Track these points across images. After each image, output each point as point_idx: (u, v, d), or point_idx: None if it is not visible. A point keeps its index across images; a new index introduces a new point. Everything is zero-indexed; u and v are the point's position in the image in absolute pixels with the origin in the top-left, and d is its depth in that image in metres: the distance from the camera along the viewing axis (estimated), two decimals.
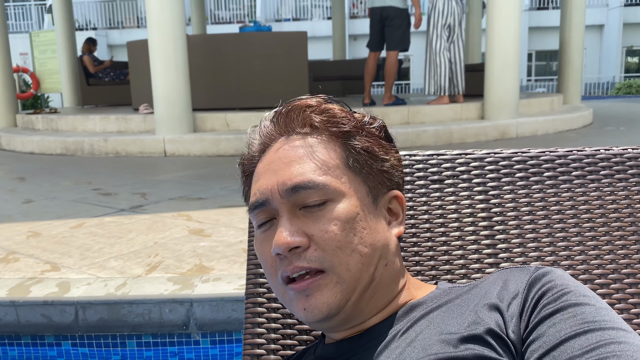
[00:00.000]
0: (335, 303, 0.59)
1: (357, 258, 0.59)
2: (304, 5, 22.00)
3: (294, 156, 0.61)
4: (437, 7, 6.34)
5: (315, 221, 0.59)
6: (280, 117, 0.65)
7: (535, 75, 21.56)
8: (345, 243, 0.59)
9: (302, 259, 0.58)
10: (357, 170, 0.63)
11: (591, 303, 0.53)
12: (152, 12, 5.50)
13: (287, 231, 0.58)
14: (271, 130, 0.66)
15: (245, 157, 0.71)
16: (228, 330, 1.79)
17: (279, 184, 0.60)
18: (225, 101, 6.49)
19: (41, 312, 1.83)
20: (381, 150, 0.65)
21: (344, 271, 0.59)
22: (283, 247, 0.58)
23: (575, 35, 8.52)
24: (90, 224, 2.91)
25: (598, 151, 0.88)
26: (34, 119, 7.35)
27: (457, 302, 0.60)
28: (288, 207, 0.60)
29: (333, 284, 0.59)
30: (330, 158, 0.62)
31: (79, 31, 12.83)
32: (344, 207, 0.60)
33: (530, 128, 6.31)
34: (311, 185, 0.59)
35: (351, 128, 0.64)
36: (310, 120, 0.64)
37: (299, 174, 0.60)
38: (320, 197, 0.59)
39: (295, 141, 0.63)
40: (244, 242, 2.45)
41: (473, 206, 0.86)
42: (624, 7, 19.82)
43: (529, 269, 0.60)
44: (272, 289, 0.65)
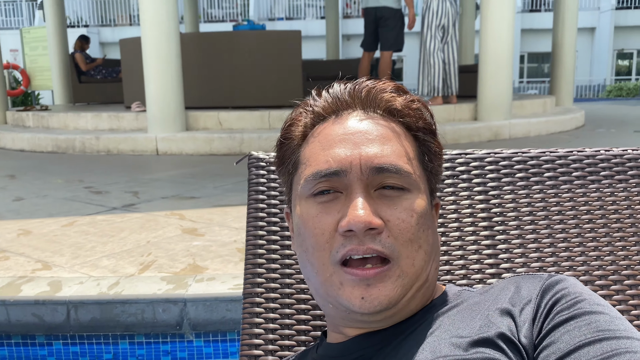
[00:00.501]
0: (395, 297, 0.56)
1: (422, 255, 0.58)
2: (297, 4, 21.98)
3: (380, 135, 0.58)
4: (431, 8, 6.36)
5: (391, 207, 0.56)
6: (361, 91, 0.61)
7: (527, 77, 21.69)
8: (416, 237, 0.57)
9: (377, 242, 0.55)
10: (427, 168, 0.61)
11: (605, 312, 0.53)
12: (145, 10, 5.47)
13: (367, 209, 0.54)
14: (346, 99, 0.61)
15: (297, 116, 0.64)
16: (222, 331, 1.78)
17: (362, 159, 0.56)
18: (219, 100, 6.47)
19: (32, 312, 1.80)
20: (443, 156, 0.65)
21: (409, 266, 0.57)
22: (361, 226, 0.54)
23: (567, 37, 8.57)
24: (82, 223, 2.88)
25: (598, 152, 0.88)
26: (25, 116, 7.28)
27: (468, 305, 0.59)
28: (364, 185, 0.56)
29: (395, 277, 0.56)
30: (411, 149, 0.60)
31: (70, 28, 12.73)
32: (420, 201, 0.58)
33: (523, 129, 6.34)
34: (396, 170, 0.56)
35: (430, 126, 0.62)
36: (393, 104, 0.61)
37: (387, 154, 0.57)
38: (403, 184, 0.57)
39: (379, 120, 0.60)
40: (238, 242, 2.44)
41: (473, 206, 0.86)
42: (615, 10, 19.98)
43: (542, 276, 0.59)
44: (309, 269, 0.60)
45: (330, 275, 0.57)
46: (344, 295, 0.56)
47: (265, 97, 6.36)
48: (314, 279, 0.60)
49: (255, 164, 0.92)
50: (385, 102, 0.61)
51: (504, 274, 0.81)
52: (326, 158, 0.58)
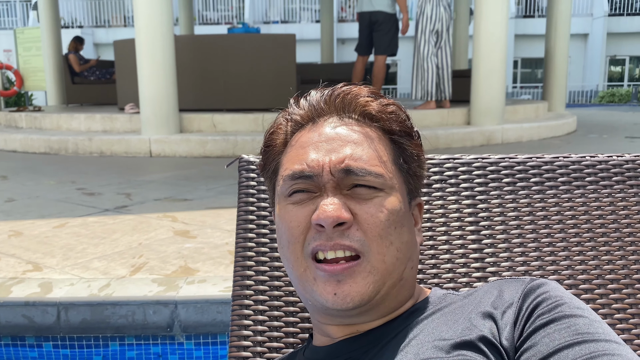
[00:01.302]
0: (367, 293, 0.57)
1: (394, 252, 0.59)
2: (292, 8, 22.01)
3: (352, 139, 0.60)
4: (425, 13, 6.41)
5: (362, 203, 0.58)
6: (337, 97, 0.63)
7: (520, 82, 21.80)
8: (386, 233, 0.58)
9: (345, 237, 0.57)
10: (404, 169, 0.63)
11: (585, 315, 0.54)
12: (139, 11, 5.47)
13: (335, 205, 0.56)
14: (322, 107, 0.63)
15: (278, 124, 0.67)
16: (213, 333, 1.78)
17: (332, 162, 0.58)
18: (213, 102, 6.47)
19: (22, 313, 1.80)
20: (423, 158, 0.66)
21: (379, 261, 0.58)
22: (331, 220, 0.55)
23: (560, 43, 8.63)
24: (73, 224, 2.87)
25: (584, 158, 0.90)
26: (17, 116, 7.25)
27: (452, 309, 0.60)
28: (334, 185, 0.58)
29: (366, 272, 0.57)
30: (385, 151, 0.61)
31: (64, 29, 12.69)
32: (391, 199, 0.59)
33: (516, 134, 6.37)
34: (366, 173, 0.58)
35: (407, 129, 0.64)
36: (368, 109, 0.62)
37: (357, 157, 0.59)
38: (374, 185, 0.59)
39: (353, 125, 0.62)
40: (230, 244, 2.44)
41: (460, 210, 0.87)
42: (607, 17, 20.14)
43: (524, 280, 0.60)
44: (286, 263, 0.62)
45: (304, 270, 0.59)
46: (318, 291, 0.58)
47: (259, 100, 6.36)
48: (292, 275, 0.62)
49: (245, 167, 0.93)
50: (360, 108, 0.62)
51: (490, 277, 0.82)
52: (300, 162, 0.60)
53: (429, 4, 6.38)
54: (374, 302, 0.59)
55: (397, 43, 6.61)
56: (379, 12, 6.31)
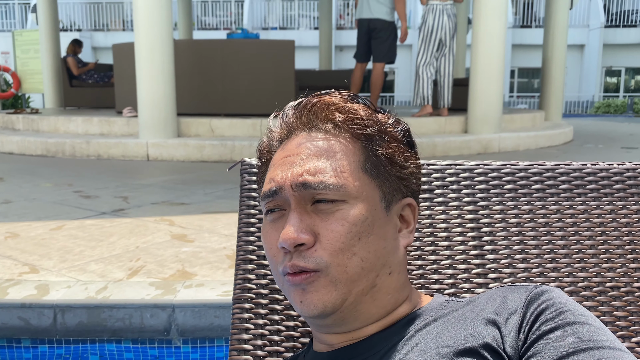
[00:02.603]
0: (330, 301, 0.59)
1: (357, 262, 0.59)
2: (291, 14, 22.10)
3: (313, 152, 0.61)
4: (427, 22, 6.46)
5: (324, 219, 0.59)
6: (304, 111, 0.64)
7: (517, 92, 21.90)
8: (347, 245, 0.58)
9: (301, 258, 0.58)
10: (373, 175, 0.62)
11: (589, 322, 0.54)
12: (139, 16, 5.47)
13: (295, 227, 0.58)
14: (293, 122, 0.65)
15: (263, 144, 0.69)
16: (210, 337, 1.77)
17: (293, 177, 0.60)
18: (211, 107, 6.47)
19: (18, 315, 1.79)
20: (401, 157, 0.64)
21: (340, 273, 0.59)
22: (289, 242, 0.58)
23: (557, 54, 8.69)
24: (70, 227, 2.86)
25: (585, 165, 0.90)
26: (15, 118, 7.23)
27: (454, 316, 0.60)
28: (299, 201, 0.60)
29: (327, 282, 0.59)
30: (348, 160, 0.61)
31: (63, 32, 12.69)
32: (353, 210, 0.59)
33: (513, 143, 6.40)
34: (324, 186, 0.59)
35: (374, 131, 0.63)
36: (333, 118, 0.63)
37: (315, 171, 0.59)
38: (334, 197, 0.59)
39: (317, 138, 0.62)
40: (227, 249, 2.43)
41: (462, 216, 0.87)
42: (604, 28, 20.29)
43: (527, 287, 0.60)
44: (274, 277, 0.66)
45: (282, 284, 0.62)
46: (292, 299, 0.61)
47: (257, 105, 6.37)
48: (278, 286, 0.65)
49: (247, 170, 0.93)
50: (325, 119, 0.63)
51: (492, 284, 0.82)
52: (268, 179, 0.63)
53: (431, 13, 6.43)
54: (344, 309, 0.60)
55: (395, 51, 6.63)
56: (378, 19, 6.34)
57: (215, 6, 22.23)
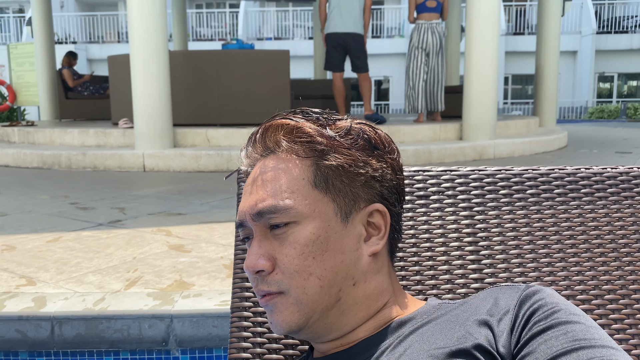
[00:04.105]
0: (294, 322, 0.61)
1: (315, 282, 0.60)
2: (285, 25, 22.20)
3: (264, 179, 0.63)
4: (412, 40, 6.99)
5: (280, 244, 0.61)
6: (258, 139, 0.66)
7: (511, 98, 22.02)
8: (302, 267, 0.60)
9: (265, 283, 0.62)
10: (323, 188, 0.61)
11: (581, 321, 0.54)
12: (134, 27, 5.49)
13: (254, 254, 0.61)
14: (251, 153, 0.67)
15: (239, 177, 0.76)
16: (208, 347, 1.77)
17: (249, 208, 0.63)
18: (207, 117, 6.49)
19: (15, 328, 1.78)
20: (355, 165, 0.62)
21: (300, 294, 0.61)
22: (250, 270, 0.62)
23: (550, 60, 8.75)
24: (67, 238, 2.85)
25: (579, 170, 0.91)
26: (10, 131, 7.22)
27: (447, 318, 0.61)
28: (260, 228, 0.62)
29: (289, 304, 0.61)
30: (296, 180, 0.61)
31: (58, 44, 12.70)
32: (304, 230, 0.60)
33: (508, 149, 6.43)
34: (273, 210, 0.61)
35: (322, 147, 0.62)
36: (280, 140, 0.64)
37: (264, 198, 0.61)
38: (285, 220, 0.61)
39: (268, 163, 0.64)
40: (225, 258, 2.43)
41: (458, 222, 0.88)
42: (596, 34, 20.45)
43: (519, 287, 0.61)
44: None
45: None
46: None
47: (253, 115, 6.39)
48: None
49: (244, 179, 0.94)
50: (274, 142, 0.64)
51: (488, 288, 0.83)
52: (237, 213, 0.67)
53: (417, 31, 6.94)
54: (311, 325, 0.62)
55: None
56: (355, 33, 6.51)
57: (210, 17, 22.32)
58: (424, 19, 6.87)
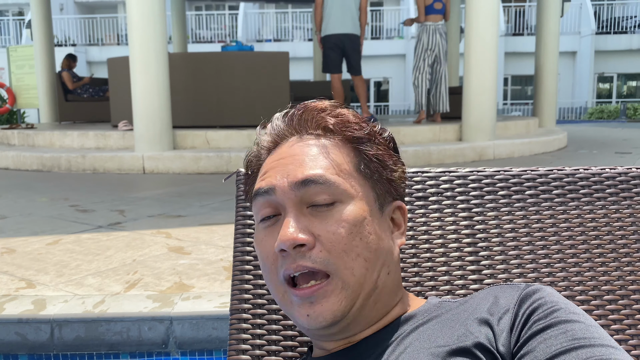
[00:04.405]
0: (340, 310, 0.58)
1: (362, 263, 0.59)
2: (285, 26, 22.21)
3: (307, 154, 0.61)
4: (422, 41, 7.04)
5: (323, 221, 0.58)
6: (294, 117, 0.65)
7: (511, 99, 22.02)
8: (351, 246, 0.58)
9: (307, 259, 0.57)
10: (367, 175, 0.63)
11: (581, 320, 0.54)
12: (133, 29, 5.50)
13: (293, 227, 0.57)
14: (283, 129, 0.65)
15: (252, 153, 0.69)
16: (208, 349, 1.77)
17: (289, 177, 0.59)
18: (206, 119, 6.49)
19: (15, 330, 1.78)
20: (390, 160, 0.65)
21: (349, 275, 0.58)
22: (288, 243, 0.56)
23: (549, 61, 8.75)
24: (67, 241, 2.85)
25: (577, 170, 0.91)
26: (10, 134, 7.23)
27: (447, 316, 0.61)
28: (295, 203, 0.59)
29: (339, 290, 0.58)
30: (343, 160, 0.62)
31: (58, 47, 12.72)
32: (352, 209, 0.59)
33: (507, 150, 6.43)
34: (322, 181, 0.58)
35: (364, 135, 0.64)
36: (324, 122, 0.63)
37: (311, 168, 0.59)
38: (330, 197, 0.59)
39: (309, 140, 0.63)
40: (224, 260, 2.43)
41: (457, 223, 0.88)
42: (595, 35, 20.46)
43: (519, 286, 0.61)
44: (269, 289, 0.64)
45: (283, 294, 0.60)
46: (295, 314, 0.59)
47: (253, 117, 6.39)
48: (275, 298, 0.63)
49: (243, 181, 0.94)
50: (316, 123, 0.64)
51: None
52: (260, 183, 0.62)
53: (425, 33, 6.99)
54: (350, 316, 0.59)
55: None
56: (353, 34, 6.51)
57: (210, 19, 22.34)
58: (431, 21, 6.97)
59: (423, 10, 6.96)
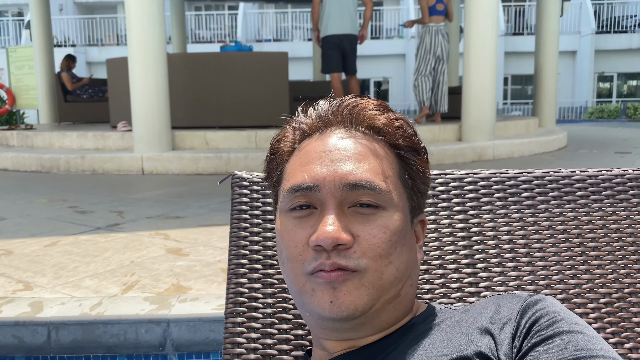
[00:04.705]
0: (361, 305, 0.57)
1: (392, 271, 0.59)
2: (284, 26, 22.21)
3: (357, 152, 0.59)
4: (425, 42, 7.09)
5: (364, 223, 0.58)
6: (344, 109, 0.62)
7: (511, 99, 22.01)
8: (387, 253, 0.58)
9: (342, 257, 0.56)
10: (407, 185, 0.62)
11: (583, 331, 0.54)
12: (133, 30, 5.49)
13: (335, 226, 0.56)
14: (330, 117, 0.63)
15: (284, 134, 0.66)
16: (205, 351, 1.76)
17: (337, 176, 0.58)
18: (205, 119, 6.48)
19: (12, 333, 1.78)
20: (429, 174, 0.66)
21: (376, 278, 0.58)
22: (330, 241, 0.55)
23: (549, 60, 8.75)
24: (65, 243, 2.85)
25: (574, 172, 0.91)
26: (9, 135, 7.22)
27: (448, 324, 0.60)
28: (338, 202, 0.58)
29: (362, 285, 0.57)
30: (389, 167, 0.61)
31: (57, 47, 12.72)
32: (395, 218, 0.59)
33: (507, 150, 6.42)
34: (371, 187, 0.58)
35: (413, 144, 0.63)
36: (375, 122, 0.62)
37: (362, 172, 0.58)
38: (374, 201, 0.58)
39: (359, 137, 0.61)
40: (222, 262, 2.43)
41: (452, 225, 0.87)
42: (595, 34, 20.45)
43: (521, 296, 0.61)
44: (285, 276, 0.62)
45: (303, 284, 0.59)
46: (316, 302, 0.57)
47: (252, 118, 6.39)
48: (291, 288, 0.61)
49: (238, 184, 0.93)
50: (368, 120, 0.62)
51: (483, 292, 0.82)
52: (302, 174, 0.59)
53: (428, 34, 7.05)
54: (368, 315, 0.58)
55: None
56: (353, 35, 6.55)
57: (209, 19, 22.34)
58: (434, 22, 7.02)
59: (427, 12, 6.99)
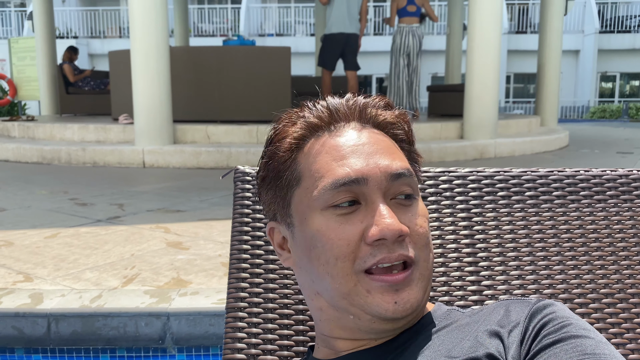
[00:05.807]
0: (420, 299, 0.59)
1: (432, 258, 0.61)
2: (287, 21, 22.15)
3: (385, 145, 0.61)
4: (395, 42, 7.61)
5: (407, 214, 0.59)
6: (357, 104, 0.63)
7: (513, 97, 21.98)
8: (428, 241, 0.60)
9: (405, 248, 0.56)
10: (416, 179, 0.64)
11: (591, 336, 0.54)
12: (135, 22, 5.48)
13: (392, 217, 0.55)
14: (345, 111, 0.62)
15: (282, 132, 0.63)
16: (205, 345, 1.76)
17: (381, 167, 0.58)
18: (207, 113, 6.48)
19: (12, 324, 1.78)
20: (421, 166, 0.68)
21: (425, 268, 0.59)
22: (393, 233, 0.54)
23: (552, 59, 8.72)
24: (65, 234, 2.85)
25: (578, 172, 0.90)
26: (10, 126, 7.22)
27: (458, 326, 0.61)
28: (384, 193, 0.58)
29: (417, 280, 0.58)
30: (405, 158, 0.63)
31: (59, 39, 12.70)
32: (422, 205, 0.62)
33: (508, 148, 6.41)
34: (409, 174, 0.59)
35: (413, 139, 0.66)
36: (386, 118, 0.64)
37: (400, 159, 0.60)
38: (411, 190, 0.60)
39: (376, 134, 0.62)
40: (223, 256, 2.43)
41: (455, 223, 0.87)
42: (598, 34, 20.40)
43: (530, 301, 0.61)
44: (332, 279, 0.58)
45: (354, 285, 0.57)
46: (374, 302, 0.56)
47: (253, 112, 6.38)
48: (333, 291, 0.58)
49: (241, 178, 0.93)
50: (377, 116, 0.63)
51: (485, 291, 0.82)
52: (343, 168, 0.58)
53: (399, 34, 7.52)
54: (417, 308, 0.60)
55: None
56: (355, 34, 6.78)
57: (212, 13, 22.28)
58: (405, 23, 7.44)
59: (395, 14, 7.45)
